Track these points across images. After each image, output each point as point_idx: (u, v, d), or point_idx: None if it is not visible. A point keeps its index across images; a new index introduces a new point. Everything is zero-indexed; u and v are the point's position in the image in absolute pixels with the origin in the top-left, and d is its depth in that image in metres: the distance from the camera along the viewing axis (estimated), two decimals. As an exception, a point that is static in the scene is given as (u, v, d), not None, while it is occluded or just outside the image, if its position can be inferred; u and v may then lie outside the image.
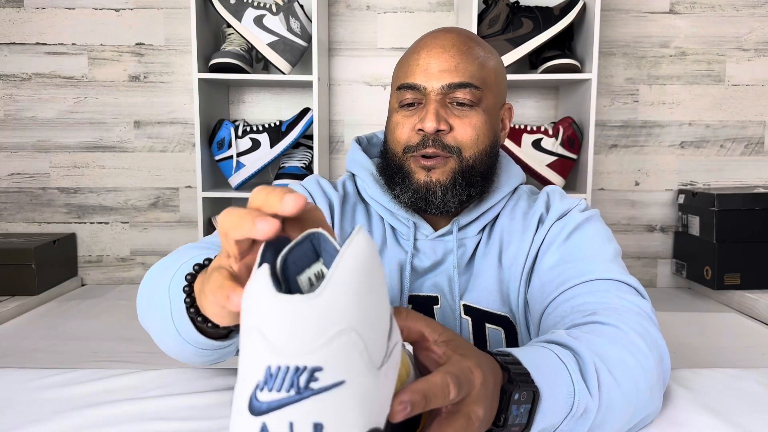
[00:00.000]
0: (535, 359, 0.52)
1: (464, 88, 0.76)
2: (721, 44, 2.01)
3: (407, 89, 0.78)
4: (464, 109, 0.77)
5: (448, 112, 0.76)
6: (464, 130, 0.76)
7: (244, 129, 1.83)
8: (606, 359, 0.57)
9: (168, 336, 0.59)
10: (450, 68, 0.76)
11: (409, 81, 0.78)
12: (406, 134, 0.78)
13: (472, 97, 0.76)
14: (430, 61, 0.77)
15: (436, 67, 0.76)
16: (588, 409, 0.54)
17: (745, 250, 1.82)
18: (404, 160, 0.78)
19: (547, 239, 0.79)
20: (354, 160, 0.88)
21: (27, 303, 1.75)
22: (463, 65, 0.76)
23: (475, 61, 0.77)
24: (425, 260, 0.82)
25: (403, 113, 0.79)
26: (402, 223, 0.82)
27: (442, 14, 2.01)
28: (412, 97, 0.78)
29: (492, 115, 0.79)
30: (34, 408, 0.65)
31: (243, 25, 1.74)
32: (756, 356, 1.40)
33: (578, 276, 0.72)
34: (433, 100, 0.76)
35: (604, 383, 0.55)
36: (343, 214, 0.84)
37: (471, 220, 0.82)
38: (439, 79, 0.76)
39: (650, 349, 0.61)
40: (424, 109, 0.77)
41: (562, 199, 0.83)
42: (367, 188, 0.85)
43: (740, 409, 0.65)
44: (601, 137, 2.04)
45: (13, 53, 2.00)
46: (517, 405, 0.48)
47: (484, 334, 0.82)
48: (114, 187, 2.06)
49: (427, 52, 0.78)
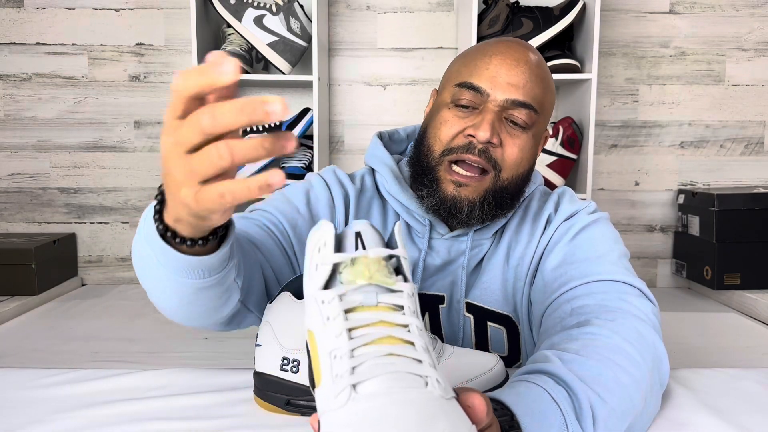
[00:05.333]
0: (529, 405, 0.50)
1: (525, 108, 0.74)
2: (721, 44, 2.01)
3: (469, 89, 0.75)
4: (517, 130, 0.75)
5: (501, 127, 0.75)
6: (512, 150, 0.75)
7: (244, 129, 1.83)
8: (600, 384, 0.55)
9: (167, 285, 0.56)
10: (519, 84, 0.74)
11: (474, 82, 0.75)
12: (452, 135, 0.76)
13: (528, 119, 0.75)
14: (500, 69, 0.75)
15: (506, 78, 0.74)
16: None
17: (745, 250, 1.82)
18: (439, 162, 0.76)
19: (553, 239, 0.79)
20: (374, 155, 0.87)
21: (27, 303, 1.75)
22: (531, 85, 0.75)
23: (541, 84, 0.76)
24: (437, 259, 0.82)
25: (455, 112, 0.76)
26: (418, 221, 0.82)
27: (442, 14, 2.01)
28: (469, 99, 0.75)
29: (538, 141, 0.79)
30: (34, 408, 0.65)
31: (243, 25, 1.74)
32: (756, 356, 1.40)
33: (580, 277, 0.72)
34: (491, 110, 0.74)
35: (600, 418, 0.54)
36: (359, 207, 0.84)
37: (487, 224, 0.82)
38: (504, 91, 0.74)
39: (643, 356, 0.60)
40: (480, 116, 0.74)
41: (571, 200, 0.83)
42: (385, 184, 0.84)
43: (740, 409, 0.65)
44: (601, 137, 2.04)
45: (13, 53, 2.00)
46: None
47: (486, 333, 0.82)
48: (114, 187, 2.06)
49: (500, 59, 0.75)
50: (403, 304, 0.41)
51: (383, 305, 0.41)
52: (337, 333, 0.40)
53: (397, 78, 2.02)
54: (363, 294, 0.41)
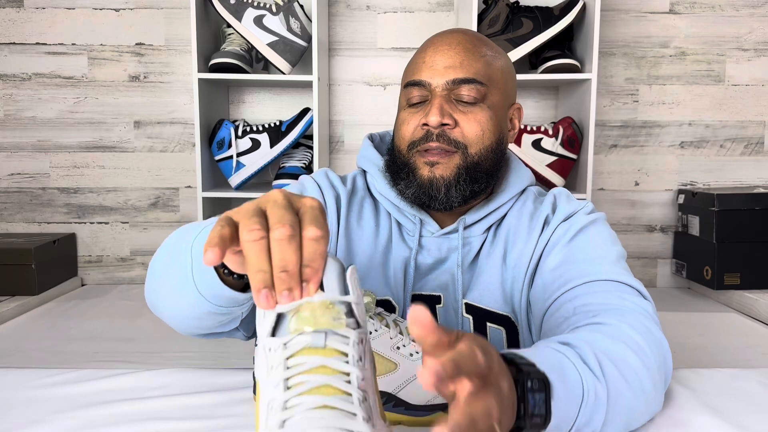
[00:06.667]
0: (535, 354, 0.52)
1: (469, 83, 0.77)
2: (720, 44, 2.01)
3: (414, 86, 0.79)
4: (468, 106, 0.77)
5: (452, 108, 0.77)
6: (469, 125, 0.77)
7: (244, 129, 1.83)
8: (608, 354, 0.57)
9: (184, 296, 0.59)
10: (455, 65, 0.77)
11: (415, 78, 0.79)
12: (411, 130, 0.79)
13: (477, 94, 0.77)
14: (435, 58, 0.78)
15: (441, 63, 0.77)
16: (599, 395, 0.54)
17: (745, 250, 1.82)
18: (409, 156, 0.79)
19: (551, 240, 0.79)
20: (365, 157, 0.89)
21: (27, 303, 1.75)
22: (468, 62, 0.77)
23: (480, 58, 0.78)
24: (429, 257, 0.82)
25: (410, 111, 0.80)
26: (408, 220, 0.83)
27: (442, 14, 2.01)
28: (418, 95, 0.79)
29: (498, 112, 0.80)
30: (34, 408, 0.66)
31: (243, 25, 1.74)
32: (756, 356, 1.40)
33: (580, 277, 0.72)
34: (438, 95, 0.77)
35: (608, 372, 0.55)
36: (350, 208, 0.84)
37: (477, 220, 0.82)
38: (443, 75, 0.77)
39: (652, 348, 0.61)
40: (429, 105, 0.77)
41: (568, 201, 0.84)
42: (376, 184, 0.85)
43: (740, 409, 0.65)
44: (601, 137, 2.04)
45: (13, 53, 2.00)
46: (532, 393, 0.47)
47: (486, 333, 0.82)
48: (114, 187, 2.06)
49: (433, 49, 0.79)
50: (347, 352, 0.40)
51: (331, 348, 0.40)
52: (275, 383, 0.40)
53: (397, 78, 2.02)
54: (312, 336, 0.40)
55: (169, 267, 0.62)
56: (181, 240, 0.62)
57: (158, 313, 0.68)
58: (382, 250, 0.83)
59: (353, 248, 0.82)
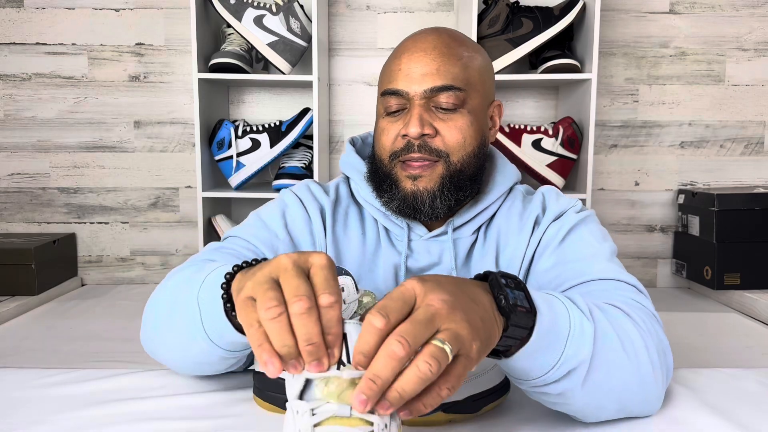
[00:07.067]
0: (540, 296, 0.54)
1: (447, 90, 0.75)
2: (721, 44, 2.01)
3: (391, 95, 0.78)
4: (448, 113, 0.76)
5: (432, 116, 0.76)
6: (450, 133, 0.76)
7: (244, 129, 1.83)
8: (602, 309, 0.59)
9: (194, 344, 0.60)
10: (431, 71, 0.75)
11: (392, 87, 0.77)
12: (392, 140, 0.78)
13: (456, 100, 0.75)
14: (411, 65, 0.76)
15: (418, 71, 0.76)
16: (585, 330, 0.54)
17: (745, 250, 1.82)
18: (391, 166, 0.78)
19: (543, 241, 0.79)
20: (347, 162, 0.88)
21: (27, 303, 1.75)
22: (445, 67, 0.76)
23: (457, 62, 0.76)
24: (420, 261, 0.81)
25: (389, 119, 0.79)
26: (396, 224, 0.82)
27: (442, 14, 2.01)
28: (396, 103, 0.77)
29: (478, 115, 0.79)
30: (34, 408, 0.66)
31: (243, 25, 1.74)
32: (756, 356, 1.40)
33: (576, 277, 0.72)
34: (417, 104, 0.75)
35: (598, 318, 0.56)
36: (335, 218, 0.84)
37: (466, 221, 0.82)
38: (420, 83, 0.75)
39: (652, 336, 0.62)
40: (408, 114, 0.76)
41: (558, 199, 0.83)
42: (360, 190, 0.84)
43: (740, 409, 0.65)
44: (601, 137, 2.04)
45: (13, 53, 2.00)
46: (510, 289, 0.49)
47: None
48: (114, 187, 2.06)
49: (408, 56, 0.77)
50: (373, 421, 0.42)
51: (356, 418, 0.42)
52: None
53: (397, 78, 2.02)
54: (339, 406, 0.42)
55: (172, 317, 0.63)
56: (180, 289, 0.62)
57: (159, 359, 0.69)
58: (371, 257, 0.82)
59: (342, 257, 0.82)
